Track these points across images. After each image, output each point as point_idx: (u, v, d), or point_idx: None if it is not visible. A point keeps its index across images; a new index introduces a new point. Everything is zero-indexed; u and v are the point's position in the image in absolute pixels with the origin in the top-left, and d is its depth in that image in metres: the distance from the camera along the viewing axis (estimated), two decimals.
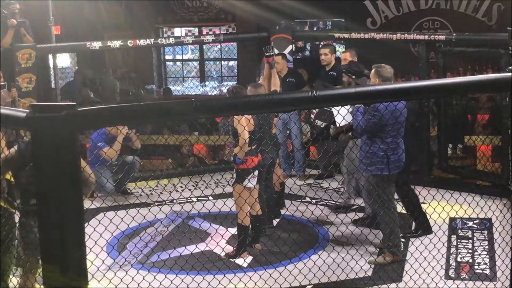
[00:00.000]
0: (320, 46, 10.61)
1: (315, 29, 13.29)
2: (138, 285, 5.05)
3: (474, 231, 7.27)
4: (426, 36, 9.14)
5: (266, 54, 7.62)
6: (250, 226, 6.76)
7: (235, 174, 6.67)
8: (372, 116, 6.25)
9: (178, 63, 15.37)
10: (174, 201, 8.59)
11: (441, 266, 6.03)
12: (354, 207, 7.99)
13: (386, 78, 6.40)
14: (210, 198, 8.67)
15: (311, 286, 5.85)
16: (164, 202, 8.47)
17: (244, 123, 6.41)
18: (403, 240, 6.80)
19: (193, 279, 5.46)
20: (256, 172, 6.65)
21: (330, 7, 12.62)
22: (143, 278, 5.25)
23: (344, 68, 7.60)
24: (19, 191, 4.91)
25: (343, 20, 13.06)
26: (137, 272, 5.44)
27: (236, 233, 6.83)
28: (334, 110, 7.15)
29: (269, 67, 7.66)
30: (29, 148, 5.11)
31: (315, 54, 11.81)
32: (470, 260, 6.53)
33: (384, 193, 6.43)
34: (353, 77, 7.22)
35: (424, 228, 7.08)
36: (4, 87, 8.01)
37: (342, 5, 12.68)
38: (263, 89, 7.11)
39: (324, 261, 5.62)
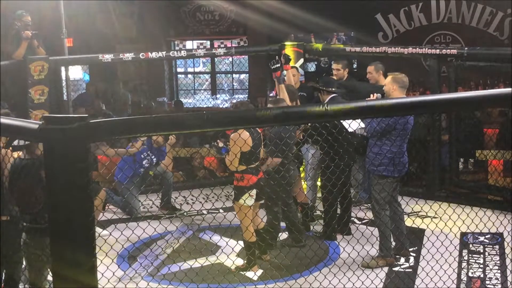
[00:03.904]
0: (333, 61, 10.54)
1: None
2: None
3: (486, 245, 7.23)
4: (438, 50, 9.13)
5: (272, 67, 7.36)
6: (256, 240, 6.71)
7: (234, 191, 6.64)
8: (384, 118, 6.36)
9: (189, 75, 15.40)
10: (185, 213, 8.60)
11: (452, 281, 5.99)
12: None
13: (403, 85, 6.62)
14: (221, 210, 8.68)
15: None
16: (175, 215, 8.48)
17: (235, 140, 6.29)
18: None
19: None
20: (253, 192, 6.55)
21: (342, 21, 12.62)
22: None
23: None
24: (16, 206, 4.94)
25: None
26: (147, 284, 5.43)
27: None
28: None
29: (278, 82, 7.41)
30: (24, 163, 5.14)
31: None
32: (482, 275, 6.49)
33: (389, 195, 6.62)
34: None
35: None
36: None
37: (353, 18, 12.68)
38: (284, 104, 7.01)
39: (334, 274, 5.60)
